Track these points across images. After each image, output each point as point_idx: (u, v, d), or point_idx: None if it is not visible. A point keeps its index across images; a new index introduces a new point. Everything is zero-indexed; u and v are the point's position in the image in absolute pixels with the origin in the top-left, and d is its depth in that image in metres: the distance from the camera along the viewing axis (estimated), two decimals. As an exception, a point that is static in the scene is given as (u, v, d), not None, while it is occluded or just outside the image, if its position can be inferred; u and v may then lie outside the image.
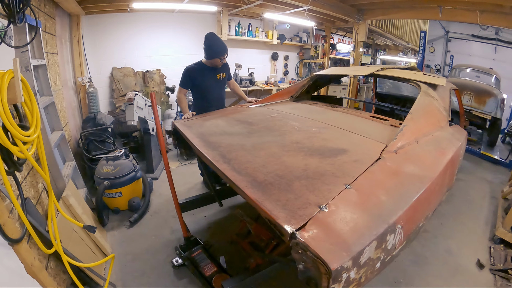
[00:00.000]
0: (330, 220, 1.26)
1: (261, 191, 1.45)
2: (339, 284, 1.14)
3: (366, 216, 1.33)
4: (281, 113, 2.62)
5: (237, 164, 1.73)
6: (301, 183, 1.50)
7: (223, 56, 3.10)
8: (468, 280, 2.62)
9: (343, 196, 1.39)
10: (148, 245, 2.83)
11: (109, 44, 4.72)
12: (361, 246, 1.19)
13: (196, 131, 2.37)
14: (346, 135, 2.09)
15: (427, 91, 2.52)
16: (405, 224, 1.45)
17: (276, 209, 1.30)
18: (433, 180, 1.69)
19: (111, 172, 3.17)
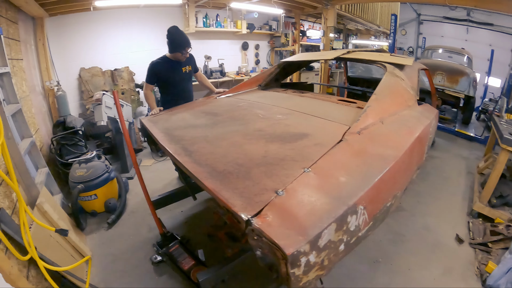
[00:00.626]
0: (286, 204, 1.22)
1: (219, 180, 1.41)
2: (299, 268, 1.10)
3: (325, 198, 1.29)
4: (247, 102, 2.55)
5: (198, 156, 1.68)
6: (259, 169, 1.46)
7: (185, 50, 3.00)
8: (448, 256, 2.62)
9: (301, 180, 1.35)
10: (127, 244, 2.77)
11: (75, 45, 4.54)
12: (319, 229, 1.15)
13: (161, 126, 2.29)
14: (310, 119, 2.04)
15: (393, 71, 2.48)
16: (369, 204, 1.40)
17: (233, 197, 1.27)
18: (398, 159, 1.64)
19: (84, 175, 3.07)
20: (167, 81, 3.15)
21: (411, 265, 2.49)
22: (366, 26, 7.58)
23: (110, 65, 4.77)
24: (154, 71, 3.07)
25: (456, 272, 2.45)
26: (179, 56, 3.03)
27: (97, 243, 2.82)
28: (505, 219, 2.94)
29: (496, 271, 2.25)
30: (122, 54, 4.87)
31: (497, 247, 2.66)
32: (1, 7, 2.82)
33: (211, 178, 1.44)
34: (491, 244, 2.68)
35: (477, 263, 2.53)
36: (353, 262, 2.51)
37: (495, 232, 2.78)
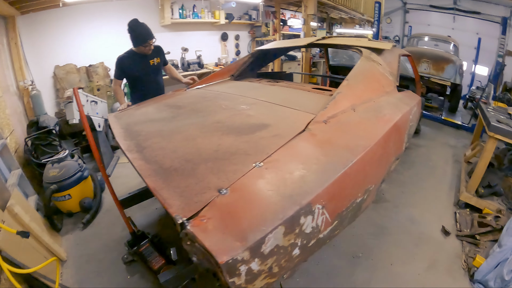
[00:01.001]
0: (229, 205, 1.04)
1: (163, 178, 1.23)
2: (239, 278, 0.93)
3: (273, 197, 1.08)
4: (215, 93, 2.32)
5: (149, 152, 1.48)
6: (207, 165, 1.26)
7: (147, 43, 2.78)
8: (433, 249, 2.43)
9: (249, 176, 1.15)
10: (101, 244, 2.64)
11: (49, 43, 4.26)
12: (262, 234, 0.95)
13: (123, 122, 2.09)
14: (275, 109, 1.81)
15: (369, 56, 2.25)
16: (329, 202, 1.20)
17: (172, 197, 1.10)
18: (369, 149, 1.44)
19: (57, 175, 2.89)
20: (135, 75, 2.95)
21: (394, 260, 2.30)
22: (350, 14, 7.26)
23: (84, 61, 4.50)
24: (121, 66, 2.89)
25: (442, 266, 2.27)
26: (143, 50, 2.82)
27: (72, 243, 2.67)
28: (494, 210, 2.75)
29: (485, 266, 2.10)
30: (97, 49, 4.58)
31: (485, 239, 2.48)
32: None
33: (155, 176, 1.26)
34: (479, 236, 2.51)
35: (464, 256, 2.36)
36: (331, 257, 2.32)
37: (483, 223, 2.60)
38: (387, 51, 2.51)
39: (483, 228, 2.55)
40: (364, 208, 1.66)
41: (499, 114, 3.11)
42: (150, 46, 2.81)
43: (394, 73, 2.41)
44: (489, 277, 2.05)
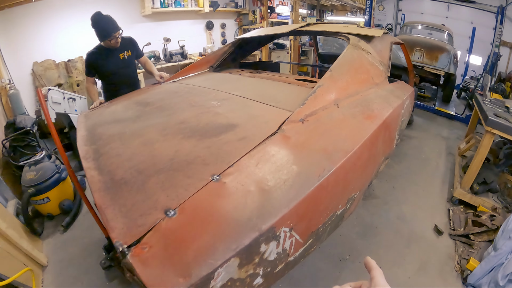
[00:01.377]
0: (174, 231, 0.83)
1: (111, 194, 1.02)
2: None
3: (228, 222, 0.87)
4: (188, 88, 2.06)
5: (104, 160, 1.25)
6: (158, 178, 1.03)
7: (112, 36, 2.52)
8: (424, 250, 2.24)
9: (203, 193, 0.93)
10: (81, 248, 2.46)
11: (26, 39, 3.94)
12: (209, 269, 0.76)
13: (90, 123, 1.82)
14: (248, 105, 1.56)
15: (358, 44, 1.98)
16: (300, 222, 0.99)
17: (116, 218, 0.90)
18: (351, 154, 1.22)
19: (34, 178, 2.69)
20: (105, 71, 2.70)
21: (383, 262, 2.11)
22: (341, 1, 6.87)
23: (63, 56, 4.17)
24: (90, 63, 2.67)
25: (434, 268, 2.09)
26: (110, 43, 2.56)
27: (53, 248, 2.51)
28: (489, 207, 2.54)
29: (478, 269, 1.94)
30: (75, 43, 4.21)
31: (479, 240, 2.30)
32: None
33: (104, 190, 1.04)
34: (473, 236, 2.32)
35: (457, 257, 2.19)
36: (316, 259, 2.13)
37: (478, 222, 2.39)
38: (378, 38, 2.24)
39: (478, 228, 2.36)
40: (347, 217, 1.44)
41: (496, 107, 2.86)
42: (117, 38, 2.54)
43: (385, 63, 2.16)
44: (483, 282, 1.90)
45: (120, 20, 2.68)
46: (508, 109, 2.86)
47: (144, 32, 4.54)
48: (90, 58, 2.64)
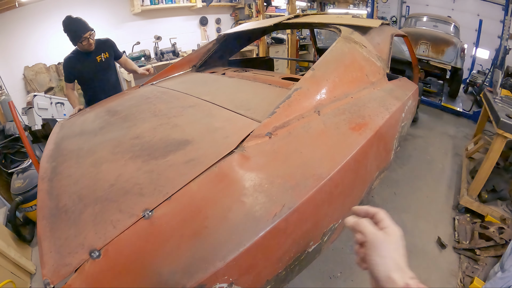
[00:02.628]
0: (95, 275, 0.70)
1: (52, 224, 0.88)
2: None
3: (149, 274, 0.68)
4: (161, 92, 1.77)
5: (57, 182, 1.09)
6: (94, 209, 0.86)
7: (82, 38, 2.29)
8: (425, 265, 1.96)
9: (131, 233, 0.74)
10: None
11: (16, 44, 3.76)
12: None
13: (62, 134, 1.60)
14: (213, 114, 1.26)
15: (350, 36, 1.63)
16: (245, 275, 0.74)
17: (50, 253, 0.79)
18: (326, 181, 0.90)
19: (22, 186, 2.61)
20: (83, 76, 2.51)
21: None
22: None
23: (54, 59, 3.97)
24: (67, 68, 2.46)
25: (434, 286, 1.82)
26: (84, 46, 2.34)
27: None
28: (497, 217, 2.22)
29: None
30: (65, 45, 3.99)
31: (486, 255, 2.00)
32: None
33: (47, 218, 0.90)
34: (479, 251, 2.02)
35: (460, 274, 1.90)
36: (304, 277, 1.85)
37: (485, 235, 2.09)
38: (376, 30, 1.87)
39: (485, 242, 2.07)
40: (328, 246, 1.13)
41: (508, 106, 2.44)
42: (88, 40, 2.29)
43: (384, 58, 1.80)
44: None
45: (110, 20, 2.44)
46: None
47: (134, 31, 4.23)
48: (67, 63, 2.43)
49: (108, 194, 0.86)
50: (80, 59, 2.42)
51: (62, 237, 0.80)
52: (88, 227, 0.79)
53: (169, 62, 4.23)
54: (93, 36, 2.32)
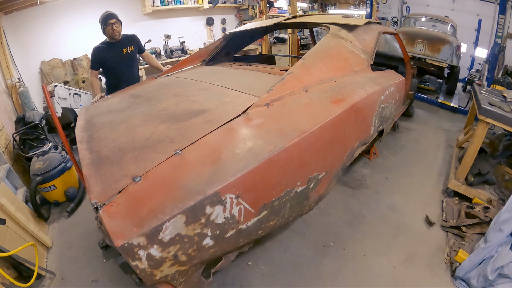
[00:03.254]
0: (138, 192, 1.01)
1: (96, 167, 1.21)
2: (141, 262, 0.93)
3: (180, 186, 1.01)
4: (177, 80, 2.22)
5: (95, 142, 1.45)
6: (134, 154, 1.21)
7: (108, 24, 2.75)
8: (413, 240, 2.20)
9: (165, 164, 1.09)
10: (82, 232, 2.66)
11: (34, 39, 4.24)
12: (157, 222, 0.92)
13: (89, 114, 2.02)
14: (224, 93, 1.69)
15: (337, 33, 2.05)
16: (248, 192, 1.10)
17: (96, 184, 1.10)
18: (307, 134, 1.30)
19: (41, 167, 2.93)
20: (108, 65, 2.93)
21: (368, 251, 2.11)
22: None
23: (69, 55, 4.47)
24: (95, 56, 2.89)
25: (421, 259, 2.05)
26: (110, 33, 2.78)
27: (57, 232, 2.71)
28: (484, 200, 2.47)
29: (467, 262, 1.90)
30: (80, 42, 4.51)
31: (472, 232, 2.24)
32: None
33: (91, 164, 1.24)
34: (465, 228, 2.26)
35: (447, 249, 2.13)
36: (300, 245, 2.17)
37: (471, 214, 2.34)
38: (364, 28, 2.29)
39: (471, 220, 2.30)
40: (315, 198, 1.52)
41: (492, 96, 2.80)
42: (112, 26, 2.76)
43: (368, 51, 2.21)
44: (472, 275, 1.86)
45: (122, 19, 2.92)
46: (505, 98, 2.80)
47: (145, 30, 4.76)
48: (96, 52, 2.87)
49: (144, 144, 1.25)
50: (108, 49, 2.85)
51: (107, 173, 1.12)
52: (130, 164, 1.13)
53: (178, 59, 4.72)
54: (117, 25, 2.78)
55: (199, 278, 1.17)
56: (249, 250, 2.06)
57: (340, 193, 2.74)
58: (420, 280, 1.90)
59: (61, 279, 2.17)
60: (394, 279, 1.90)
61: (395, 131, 4.01)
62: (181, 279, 1.06)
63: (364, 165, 3.21)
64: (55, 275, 2.20)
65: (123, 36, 2.85)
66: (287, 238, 2.24)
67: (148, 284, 1.01)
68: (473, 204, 2.48)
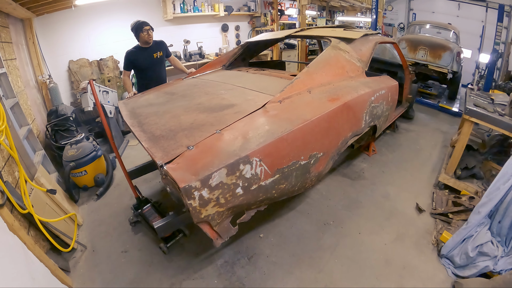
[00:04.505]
0: (193, 156, 1.55)
1: (153, 141, 1.77)
2: (194, 201, 1.46)
3: (222, 151, 1.59)
4: (204, 81, 2.83)
5: (146, 126, 2.02)
6: (183, 133, 1.78)
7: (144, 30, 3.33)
8: (403, 224, 2.66)
9: (210, 138, 1.66)
10: (111, 211, 3.13)
11: (63, 40, 4.90)
12: (208, 172, 1.47)
13: (129, 107, 2.63)
14: (245, 93, 2.31)
15: (337, 45, 2.65)
16: (266, 157, 1.68)
17: (158, 151, 1.64)
18: (308, 122, 1.90)
19: (75, 154, 3.44)
20: (140, 67, 3.52)
21: (362, 230, 2.58)
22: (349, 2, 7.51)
23: (96, 56, 5.14)
24: (129, 59, 3.47)
25: (410, 240, 2.48)
26: (145, 38, 3.37)
27: (87, 212, 3.18)
28: (472, 192, 2.90)
29: (450, 241, 2.25)
30: (106, 44, 5.20)
31: (457, 218, 2.65)
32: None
33: (148, 140, 1.82)
34: (451, 215, 2.68)
35: (435, 233, 2.54)
36: (304, 223, 2.69)
37: (458, 203, 2.80)
38: (361, 39, 2.88)
39: (456, 208, 2.72)
40: (316, 173, 2.11)
41: (480, 98, 3.30)
42: (148, 32, 3.35)
43: (364, 60, 2.80)
44: (455, 253, 2.19)
45: None
46: (493, 100, 3.26)
47: (166, 35, 5.45)
48: (129, 55, 3.47)
49: (191, 126, 1.83)
50: (140, 53, 3.45)
51: (165, 145, 1.67)
52: (182, 139, 1.69)
53: (196, 63, 5.42)
54: (151, 32, 3.38)
55: (228, 224, 1.77)
56: (261, 225, 2.69)
57: (340, 183, 3.29)
58: (408, 257, 2.30)
59: (92, 251, 2.57)
60: (384, 253, 2.33)
61: (395, 131, 4.57)
62: (217, 220, 1.65)
63: (363, 160, 3.76)
64: (86, 248, 2.61)
65: (153, 42, 3.46)
66: (293, 216, 2.79)
67: (194, 221, 1.55)
68: (461, 195, 2.90)
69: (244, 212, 1.85)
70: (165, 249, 2.39)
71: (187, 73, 3.51)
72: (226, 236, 1.74)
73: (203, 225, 1.63)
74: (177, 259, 2.39)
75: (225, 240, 1.76)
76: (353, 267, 2.24)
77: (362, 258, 2.31)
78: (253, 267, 2.28)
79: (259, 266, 2.28)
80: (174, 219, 2.15)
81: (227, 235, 1.74)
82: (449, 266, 2.21)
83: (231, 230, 1.79)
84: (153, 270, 2.34)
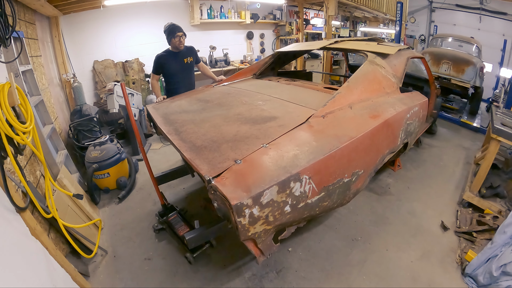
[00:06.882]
0: (241, 170, 1.51)
1: (196, 152, 1.74)
2: (244, 218, 1.41)
3: (272, 167, 1.54)
4: (237, 90, 2.80)
5: (185, 135, 2.00)
6: (228, 145, 1.74)
7: (178, 35, 3.30)
8: (429, 241, 2.65)
9: (258, 152, 1.62)
10: (134, 216, 3.11)
11: (89, 40, 4.92)
12: (261, 189, 1.43)
13: (161, 112, 2.61)
14: (285, 105, 2.26)
15: (374, 60, 2.62)
16: (315, 175, 1.64)
17: (202, 164, 1.60)
18: (354, 140, 1.85)
19: (98, 156, 3.44)
20: (170, 72, 3.50)
21: (390, 246, 2.57)
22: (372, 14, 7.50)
23: (121, 57, 5.16)
24: (159, 63, 3.44)
25: (435, 257, 2.47)
26: (177, 43, 3.35)
27: (108, 215, 3.17)
28: (495, 211, 2.90)
29: (475, 260, 2.26)
30: (132, 47, 5.23)
31: (481, 237, 2.64)
32: (20, 11, 3.16)
33: (190, 151, 1.77)
34: (475, 234, 2.67)
35: (459, 251, 2.54)
36: (332, 238, 2.67)
37: (482, 222, 2.78)
38: (394, 54, 2.85)
39: (481, 227, 2.71)
40: (354, 190, 2.07)
41: (506, 117, 3.27)
42: (180, 38, 3.33)
43: (398, 76, 2.76)
44: (479, 272, 2.18)
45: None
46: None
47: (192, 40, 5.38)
48: (159, 59, 3.45)
49: (234, 139, 1.79)
50: (170, 57, 3.43)
51: (210, 157, 1.61)
52: (227, 151, 1.63)
53: (221, 69, 5.42)
54: (183, 38, 3.36)
55: (270, 241, 1.73)
56: (289, 238, 2.62)
57: (367, 198, 3.26)
58: (433, 274, 2.30)
59: (113, 256, 2.54)
60: (411, 271, 2.33)
61: (419, 146, 4.53)
62: (263, 237, 1.61)
63: (389, 175, 3.74)
64: (106, 253, 2.57)
65: (184, 47, 3.43)
66: (322, 231, 2.76)
67: (241, 239, 1.51)
68: (485, 214, 2.88)
69: (285, 228, 1.82)
70: (191, 259, 2.36)
71: (217, 80, 3.50)
72: (268, 253, 1.69)
73: (248, 242, 1.59)
74: (204, 270, 2.36)
75: (267, 257, 1.72)
76: (381, 284, 2.22)
77: (390, 275, 2.30)
78: (281, 281, 2.25)
79: (288, 281, 2.26)
80: (206, 230, 2.13)
81: (269, 252, 1.70)
82: (472, 285, 2.21)
83: (273, 247, 1.75)
84: (178, 280, 2.30)
